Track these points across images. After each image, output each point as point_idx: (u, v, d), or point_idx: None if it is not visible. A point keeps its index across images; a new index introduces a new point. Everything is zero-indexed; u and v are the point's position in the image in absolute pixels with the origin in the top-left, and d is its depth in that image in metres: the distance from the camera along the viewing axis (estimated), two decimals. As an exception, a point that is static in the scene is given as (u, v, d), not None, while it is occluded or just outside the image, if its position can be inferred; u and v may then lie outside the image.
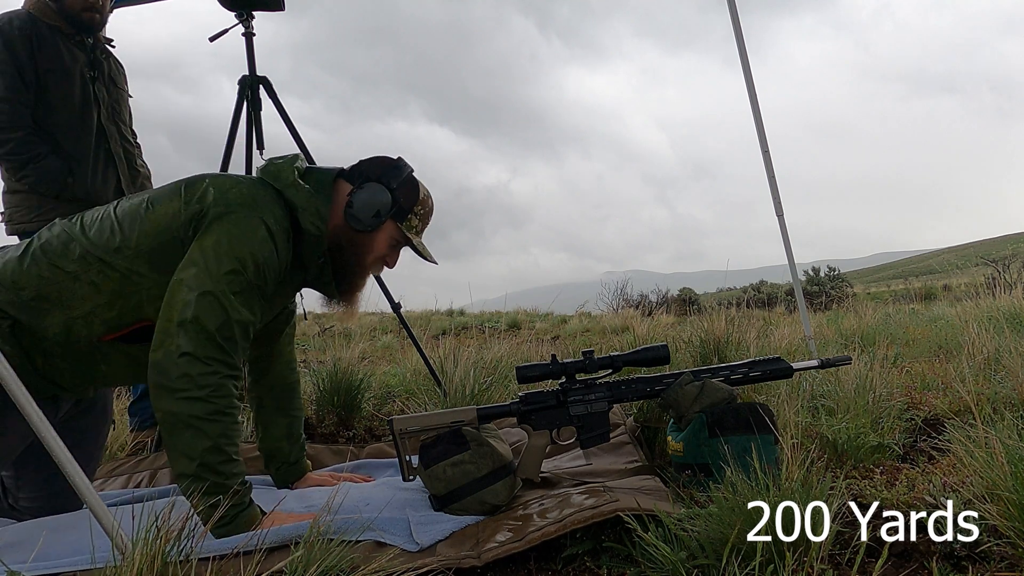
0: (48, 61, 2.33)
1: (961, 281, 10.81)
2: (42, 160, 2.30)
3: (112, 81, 2.54)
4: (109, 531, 1.15)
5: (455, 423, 1.74)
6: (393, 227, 1.67)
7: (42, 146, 2.31)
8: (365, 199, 1.64)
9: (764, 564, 1.11)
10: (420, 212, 1.71)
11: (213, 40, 2.56)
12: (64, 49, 2.37)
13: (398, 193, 1.66)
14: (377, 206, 1.64)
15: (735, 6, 3.06)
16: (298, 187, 1.60)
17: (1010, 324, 3.31)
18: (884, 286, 18.76)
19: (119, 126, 2.55)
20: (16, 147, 2.27)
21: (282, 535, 1.37)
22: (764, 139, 3.06)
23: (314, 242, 1.62)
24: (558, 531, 1.34)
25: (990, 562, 1.20)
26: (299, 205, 1.59)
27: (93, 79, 2.45)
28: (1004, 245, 36.16)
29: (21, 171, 2.30)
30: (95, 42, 2.50)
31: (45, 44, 2.33)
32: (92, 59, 2.46)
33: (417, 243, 1.71)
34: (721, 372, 1.81)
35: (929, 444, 1.92)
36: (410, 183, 1.70)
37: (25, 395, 1.10)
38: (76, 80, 2.40)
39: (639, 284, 12.85)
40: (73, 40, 2.42)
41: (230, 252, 1.46)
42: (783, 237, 3.07)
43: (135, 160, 2.61)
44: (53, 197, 2.35)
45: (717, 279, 26.37)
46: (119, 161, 2.51)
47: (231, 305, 1.46)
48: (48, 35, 2.34)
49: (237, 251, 1.47)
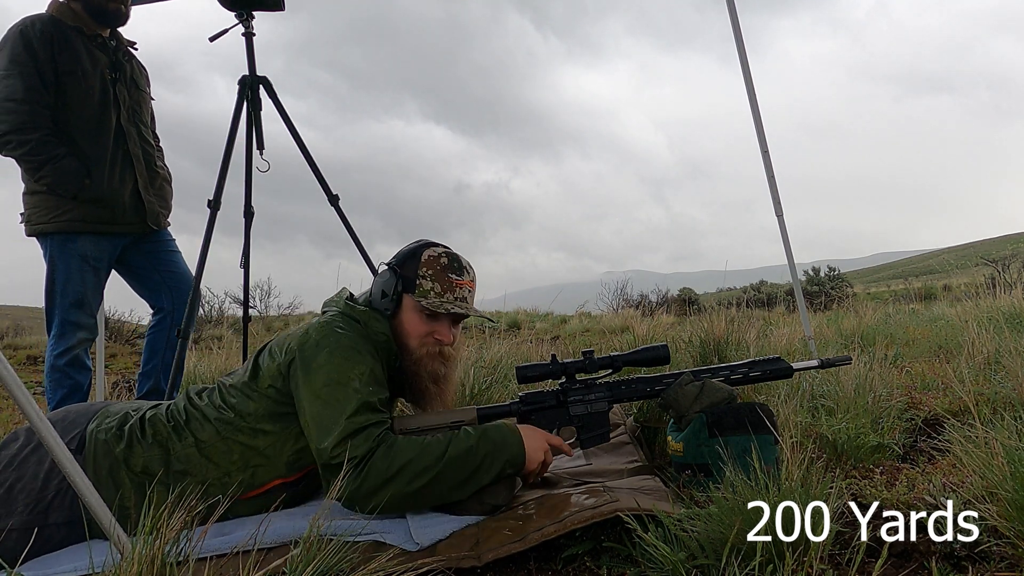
0: (68, 62, 2.37)
1: (961, 281, 10.81)
2: (60, 161, 2.33)
3: (134, 83, 2.59)
4: (108, 531, 1.15)
5: (455, 423, 1.74)
6: (410, 301, 1.69)
7: (60, 147, 2.34)
8: (376, 286, 1.74)
9: (764, 564, 1.11)
10: (428, 273, 1.69)
11: (213, 40, 2.56)
12: (84, 51, 2.42)
13: (398, 267, 1.71)
14: (382, 287, 1.71)
15: (734, 6, 3.06)
16: (353, 308, 1.71)
17: (1010, 324, 3.31)
18: (884, 286, 18.76)
19: (139, 127, 2.58)
20: (35, 148, 2.31)
21: (281, 534, 1.38)
22: (763, 139, 3.06)
23: (386, 347, 1.70)
24: (558, 531, 1.34)
25: (990, 562, 1.20)
26: (359, 317, 1.69)
27: (114, 80, 2.50)
28: (1004, 245, 36.11)
29: (39, 171, 2.33)
30: (118, 44, 2.55)
31: (66, 46, 2.37)
32: (114, 61, 2.51)
33: (449, 307, 1.68)
34: (721, 372, 1.81)
35: (929, 444, 1.92)
36: (411, 254, 1.73)
37: (25, 395, 1.10)
38: (96, 81, 2.44)
39: (639, 284, 12.84)
40: (95, 42, 2.46)
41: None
42: (783, 237, 3.06)
43: (154, 162, 2.65)
44: (71, 198, 2.38)
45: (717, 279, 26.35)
46: (137, 162, 2.55)
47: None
48: (69, 37, 2.39)
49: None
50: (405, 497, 1.46)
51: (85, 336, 2.49)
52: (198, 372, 3.60)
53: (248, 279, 2.84)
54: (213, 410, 1.59)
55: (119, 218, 2.50)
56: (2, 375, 1.09)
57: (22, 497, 1.44)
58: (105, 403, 1.69)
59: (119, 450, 1.51)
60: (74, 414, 1.61)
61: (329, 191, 2.69)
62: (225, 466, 1.53)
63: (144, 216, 2.57)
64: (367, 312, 1.69)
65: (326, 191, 2.69)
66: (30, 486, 1.45)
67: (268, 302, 12.40)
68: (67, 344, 2.45)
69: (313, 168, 2.65)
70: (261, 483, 1.57)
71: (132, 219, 2.55)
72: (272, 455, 1.57)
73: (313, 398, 1.52)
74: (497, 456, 1.53)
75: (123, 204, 2.50)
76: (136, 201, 2.55)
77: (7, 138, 2.31)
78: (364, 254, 2.75)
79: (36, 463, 1.49)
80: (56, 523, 1.44)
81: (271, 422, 1.57)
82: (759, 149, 3.07)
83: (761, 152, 3.06)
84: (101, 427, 1.55)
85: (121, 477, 1.49)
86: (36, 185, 2.38)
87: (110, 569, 1.07)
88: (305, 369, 1.55)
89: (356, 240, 2.74)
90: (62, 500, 1.45)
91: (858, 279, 24.67)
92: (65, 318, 2.44)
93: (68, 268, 2.43)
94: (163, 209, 2.66)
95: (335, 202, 2.69)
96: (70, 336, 2.45)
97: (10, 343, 10.26)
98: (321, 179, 2.66)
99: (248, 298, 2.95)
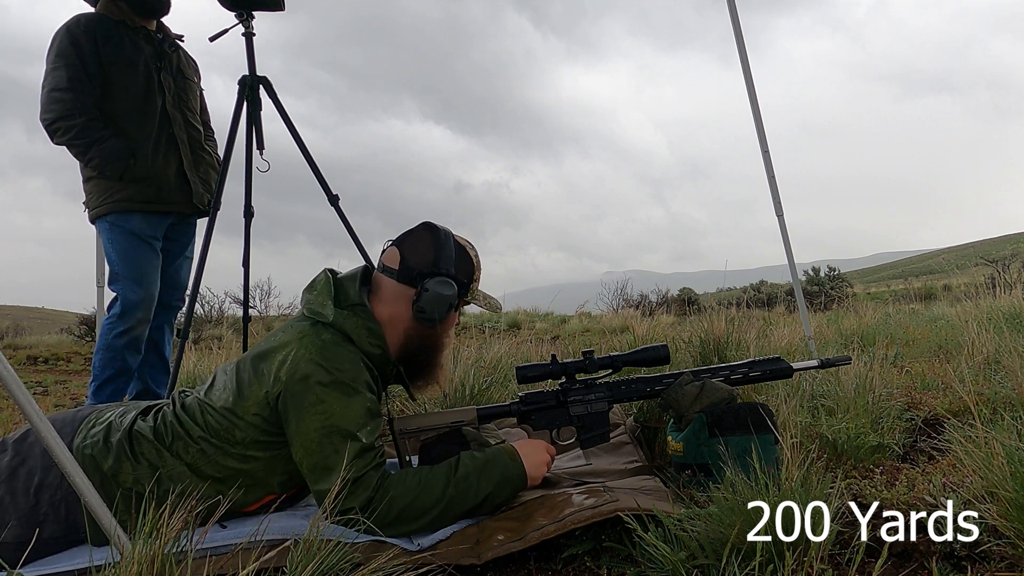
0: (112, 53, 2.49)
1: (961, 281, 10.81)
2: (105, 142, 2.45)
3: (180, 72, 2.71)
4: (108, 531, 1.15)
5: (455, 423, 1.74)
6: (459, 303, 1.66)
7: (104, 130, 2.46)
8: (433, 300, 1.57)
9: (764, 564, 1.11)
10: (477, 276, 1.68)
11: (213, 40, 2.56)
12: (128, 42, 2.54)
13: (460, 276, 1.62)
14: (448, 301, 1.58)
15: (735, 6, 3.06)
16: (343, 318, 1.56)
17: (1010, 324, 3.31)
18: (884, 286, 18.76)
19: (185, 113, 2.70)
20: (80, 132, 2.42)
21: (281, 532, 1.38)
22: (764, 139, 3.06)
23: (382, 359, 1.61)
24: (558, 531, 1.34)
25: (990, 562, 1.20)
26: (350, 332, 1.56)
27: (159, 69, 2.61)
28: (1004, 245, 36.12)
29: (87, 153, 2.45)
30: (164, 36, 2.68)
31: (110, 38, 2.50)
32: (159, 51, 2.63)
33: (480, 300, 1.69)
34: (721, 372, 1.81)
35: (929, 444, 1.92)
36: (463, 258, 1.64)
37: (25, 395, 1.10)
38: (140, 69, 2.56)
39: (639, 284, 12.85)
40: (140, 34, 2.59)
41: None
42: (783, 237, 3.07)
43: (201, 146, 2.76)
44: (117, 178, 2.49)
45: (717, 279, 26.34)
46: (182, 145, 2.66)
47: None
48: (114, 30, 2.52)
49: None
50: (406, 531, 1.44)
51: (143, 316, 2.57)
52: (198, 372, 3.60)
53: (248, 279, 2.84)
54: (199, 430, 1.50)
55: (165, 196, 2.60)
56: (2, 375, 1.09)
57: (14, 512, 1.40)
58: (89, 408, 1.62)
59: (107, 466, 1.45)
60: (59, 424, 1.54)
61: (329, 191, 2.69)
62: (216, 485, 1.47)
63: (190, 196, 2.68)
64: (360, 324, 1.56)
65: (326, 191, 2.69)
66: (22, 501, 1.41)
67: (268, 302, 12.39)
68: (127, 324, 2.53)
69: (313, 168, 2.65)
70: (255, 499, 1.54)
71: (178, 198, 2.65)
72: (263, 477, 1.53)
73: (306, 441, 1.45)
74: (499, 493, 1.51)
75: (169, 183, 2.61)
76: (182, 181, 2.66)
77: (55, 125, 2.42)
78: (364, 254, 2.75)
79: (26, 476, 1.44)
80: (52, 537, 1.41)
81: (260, 449, 1.50)
82: (759, 149, 3.08)
83: (761, 152, 3.07)
84: (87, 441, 1.49)
85: (112, 491, 1.44)
86: (89, 170, 2.51)
87: (110, 569, 1.07)
88: (296, 408, 1.46)
89: (356, 240, 2.74)
90: (56, 513, 1.41)
91: (858, 279, 24.68)
92: (127, 297, 2.52)
93: (124, 246, 2.53)
94: (207, 192, 2.75)
95: (335, 202, 2.69)
96: (129, 316, 2.53)
97: (10, 343, 10.26)
98: (321, 179, 2.66)
99: (248, 298, 2.95)
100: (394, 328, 1.63)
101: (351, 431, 1.45)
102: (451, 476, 1.48)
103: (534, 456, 1.59)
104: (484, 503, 1.49)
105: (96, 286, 3.16)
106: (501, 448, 1.58)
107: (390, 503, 1.42)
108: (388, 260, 1.64)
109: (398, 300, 1.62)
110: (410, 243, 1.63)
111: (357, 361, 1.53)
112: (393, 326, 1.63)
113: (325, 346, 1.50)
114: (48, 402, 4.20)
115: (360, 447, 1.45)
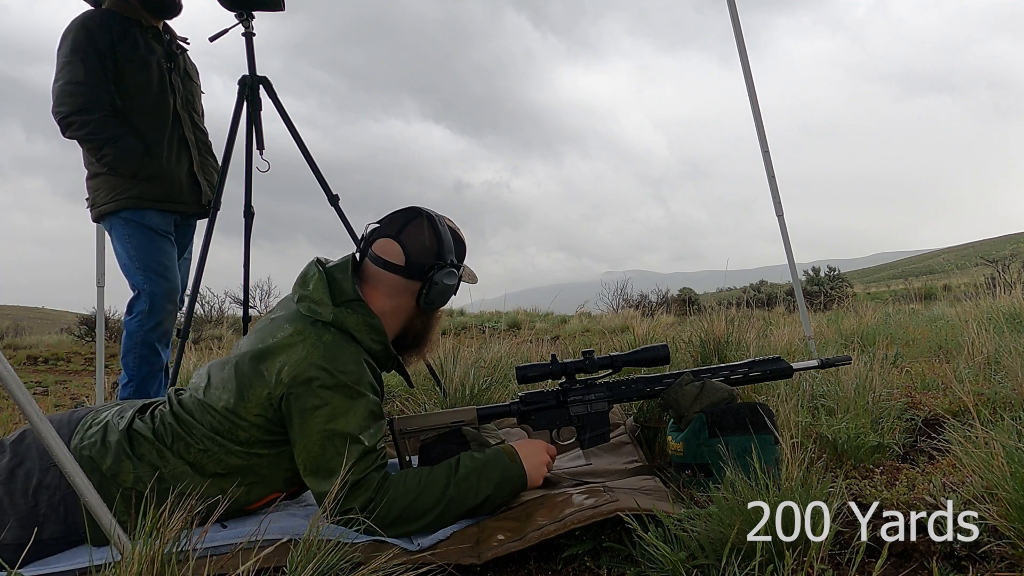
0: (127, 51, 2.49)
1: (961, 281, 10.81)
2: (120, 140, 2.44)
3: (187, 74, 2.72)
4: (108, 531, 1.15)
5: (455, 423, 1.74)
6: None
7: (120, 127, 2.45)
8: (443, 291, 1.62)
9: (764, 564, 1.11)
10: (463, 254, 1.73)
11: (213, 40, 2.56)
12: (142, 40, 2.54)
13: (459, 261, 1.69)
14: (452, 289, 1.65)
15: (735, 5, 3.06)
16: (343, 316, 1.54)
17: (1010, 324, 3.31)
18: (884, 286, 18.76)
19: (191, 115, 2.71)
20: (95, 128, 2.41)
21: (282, 531, 1.38)
22: (764, 139, 3.06)
23: (384, 354, 1.62)
24: (558, 531, 1.34)
25: (990, 562, 1.20)
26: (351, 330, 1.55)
27: (169, 69, 2.62)
28: (1004, 245, 36.12)
29: (101, 150, 2.43)
30: (171, 37, 2.67)
31: (125, 36, 2.49)
32: (168, 51, 2.63)
33: (467, 277, 1.73)
34: (721, 372, 1.81)
35: (929, 444, 1.92)
36: (458, 243, 1.69)
37: (25, 395, 1.10)
38: (153, 69, 2.56)
39: (639, 284, 12.85)
40: (151, 33, 2.58)
41: None
42: (783, 237, 3.07)
43: (207, 147, 2.77)
44: (131, 176, 2.48)
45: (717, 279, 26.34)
46: (191, 146, 2.67)
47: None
48: (128, 28, 2.51)
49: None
50: (406, 532, 1.44)
51: (172, 308, 2.57)
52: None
53: (248, 279, 2.84)
54: (202, 429, 1.49)
55: (175, 196, 2.60)
56: (2, 375, 1.09)
57: (13, 513, 1.40)
58: (85, 410, 1.62)
59: (106, 466, 1.45)
60: (56, 426, 1.48)
61: (329, 191, 2.69)
62: (219, 481, 1.47)
63: (199, 197, 2.69)
64: (360, 320, 1.55)
65: (326, 191, 2.68)
66: (20, 502, 1.41)
67: (268, 302, 12.40)
68: (158, 318, 2.52)
69: (313, 168, 2.65)
70: (258, 497, 1.55)
71: (188, 198, 2.65)
72: (268, 473, 1.53)
73: (308, 443, 1.45)
74: (499, 493, 1.51)
75: (180, 183, 2.62)
76: (192, 181, 2.67)
77: (70, 119, 2.40)
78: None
79: (24, 477, 1.43)
80: (52, 538, 1.40)
81: (265, 447, 1.50)
82: (759, 149, 3.07)
83: (761, 152, 3.07)
84: (84, 442, 1.48)
85: (111, 491, 1.43)
86: (97, 167, 2.49)
87: (110, 569, 1.07)
88: (299, 410, 1.46)
89: (356, 240, 2.74)
90: (55, 513, 1.41)
91: (858, 279, 24.68)
92: (153, 290, 2.51)
93: (142, 241, 2.52)
94: (212, 194, 2.74)
95: (335, 202, 2.69)
96: (159, 309, 2.52)
97: (10, 343, 10.26)
98: (321, 179, 2.66)
99: (248, 298, 2.95)
100: (395, 318, 1.64)
101: (354, 434, 1.45)
102: (451, 476, 1.48)
103: (534, 457, 1.59)
104: (484, 503, 1.49)
105: (96, 286, 3.15)
106: (501, 448, 1.58)
107: (390, 504, 1.42)
108: (388, 255, 1.61)
109: (402, 294, 1.63)
110: (410, 236, 1.62)
111: (360, 362, 1.53)
112: (394, 316, 1.64)
113: (328, 348, 1.49)
114: (48, 402, 4.20)
115: (362, 450, 1.45)
